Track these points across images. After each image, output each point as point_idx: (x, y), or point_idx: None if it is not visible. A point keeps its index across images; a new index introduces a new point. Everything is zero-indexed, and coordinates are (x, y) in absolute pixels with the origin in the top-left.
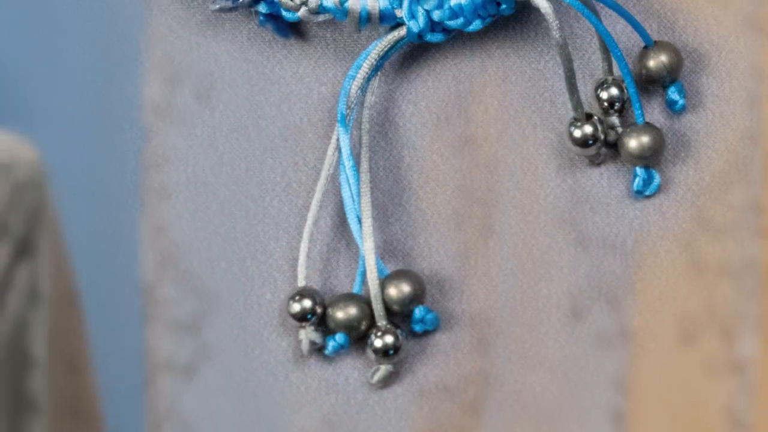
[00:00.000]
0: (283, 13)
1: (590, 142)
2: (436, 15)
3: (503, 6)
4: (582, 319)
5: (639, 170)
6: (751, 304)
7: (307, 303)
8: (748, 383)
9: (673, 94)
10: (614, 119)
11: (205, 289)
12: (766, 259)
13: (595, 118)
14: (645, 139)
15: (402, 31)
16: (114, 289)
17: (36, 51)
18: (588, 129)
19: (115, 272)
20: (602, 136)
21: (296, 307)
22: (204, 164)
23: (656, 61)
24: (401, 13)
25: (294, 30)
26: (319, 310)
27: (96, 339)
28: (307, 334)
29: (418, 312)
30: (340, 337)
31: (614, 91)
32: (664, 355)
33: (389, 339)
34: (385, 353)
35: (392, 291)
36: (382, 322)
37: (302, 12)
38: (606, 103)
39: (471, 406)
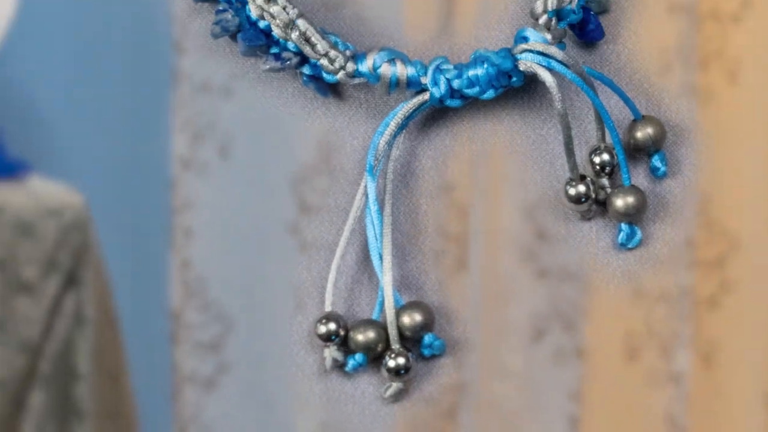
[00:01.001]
0: (324, 75)
1: (583, 199)
2: (456, 83)
3: (514, 78)
4: (542, 339)
5: (624, 226)
6: (686, 326)
7: (332, 326)
8: (683, 392)
9: (656, 161)
10: (604, 181)
11: (225, 315)
12: (698, 288)
13: (588, 179)
14: (630, 199)
15: (425, 96)
16: (147, 313)
17: (80, 112)
18: (582, 188)
19: (148, 300)
20: (593, 195)
21: (323, 329)
22: (240, 206)
23: (643, 132)
24: (426, 80)
25: (332, 90)
26: (342, 332)
27: (131, 355)
28: (331, 352)
29: (427, 338)
30: (359, 357)
31: (606, 156)
32: (612, 368)
33: (401, 360)
34: (397, 372)
35: (406, 319)
36: (395, 345)
37: (340, 75)
38: (598, 167)
39: (448, 412)
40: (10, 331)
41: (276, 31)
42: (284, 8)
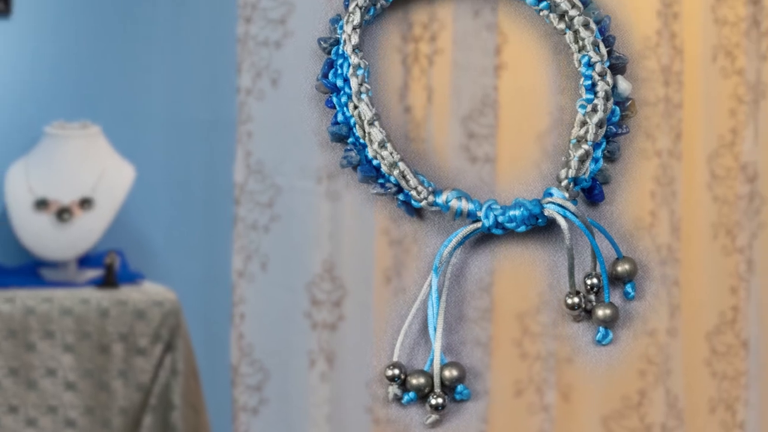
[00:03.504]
0: (412, 202)
1: (576, 308)
2: (500, 218)
3: (539, 220)
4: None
5: (601, 329)
6: (552, 375)
7: (396, 371)
8: (552, 417)
9: (629, 288)
10: (592, 297)
11: (265, 368)
12: (560, 351)
13: (581, 294)
14: (608, 311)
15: (478, 224)
16: (216, 367)
17: (175, 243)
18: (576, 300)
19: (216, 358)
20: (583, 306)
21: (389, 372)
22: (273, 300)
23: (622, 267)
24: (480, 213)
25: (416, 212)
26: (402, 376)
27: (206, 393)
28: (393, 389)
29: (459, 388)
30: (412, 395)
31: (595, 280)
32: (506, 402)
33: (440, 400)
34: (436, 408)
35: (446, 373)
36: (437, 390)
37: (423, 203)
38: (589, 287)
39: (404, 430)
40: (131, 379)
41: (383, 168)
42: (391, 153)
